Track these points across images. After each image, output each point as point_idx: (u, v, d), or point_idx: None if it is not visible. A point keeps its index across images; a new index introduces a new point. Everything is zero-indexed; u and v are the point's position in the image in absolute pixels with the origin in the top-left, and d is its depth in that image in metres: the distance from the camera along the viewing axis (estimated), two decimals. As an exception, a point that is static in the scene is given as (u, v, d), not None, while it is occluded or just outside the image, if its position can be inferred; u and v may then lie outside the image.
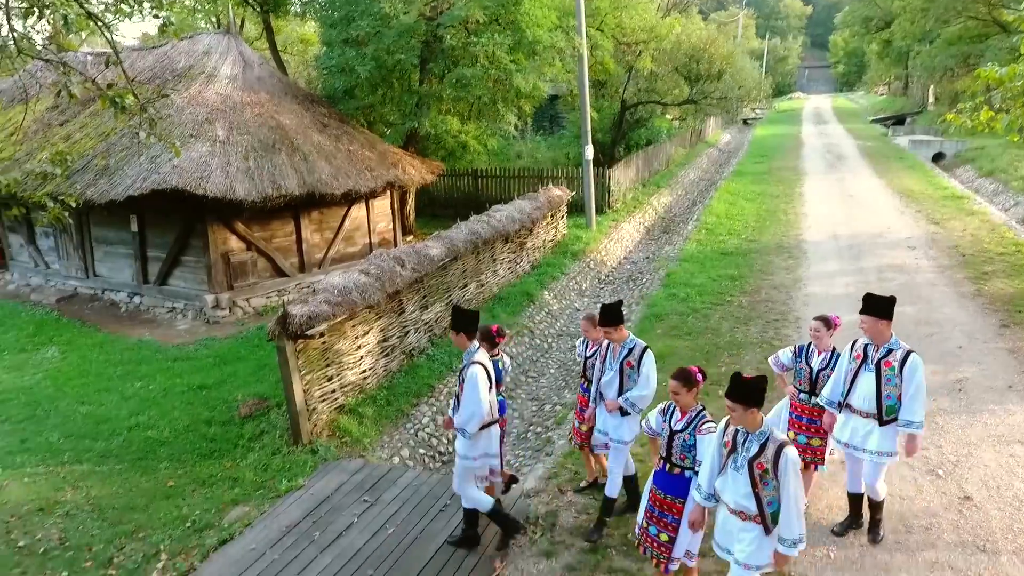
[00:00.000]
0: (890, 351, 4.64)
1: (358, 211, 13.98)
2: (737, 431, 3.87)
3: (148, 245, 12.01)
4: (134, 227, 11.90)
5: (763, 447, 3.72)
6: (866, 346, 4.74)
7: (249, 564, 5.14)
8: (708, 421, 4.24)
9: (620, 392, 5.14)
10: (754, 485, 3.72)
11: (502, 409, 5.41)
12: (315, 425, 7.22)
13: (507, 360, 6.22)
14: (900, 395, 4.58)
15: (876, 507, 4.97)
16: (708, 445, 4.06)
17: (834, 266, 12.71)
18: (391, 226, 15.12)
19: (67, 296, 13.14)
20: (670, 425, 4.35)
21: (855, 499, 5.05)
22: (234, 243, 11.56)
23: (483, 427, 4.88)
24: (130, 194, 10.13)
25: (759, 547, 3.80)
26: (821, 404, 5.01)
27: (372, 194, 13.56)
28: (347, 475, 6.39)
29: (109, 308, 12.52)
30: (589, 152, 15.94)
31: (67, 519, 6.07)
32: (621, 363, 5.14)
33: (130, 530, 5.88)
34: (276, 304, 11.77)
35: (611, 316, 5.04)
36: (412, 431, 7.51)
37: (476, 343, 5.00)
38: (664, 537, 4.27)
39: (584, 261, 14.21)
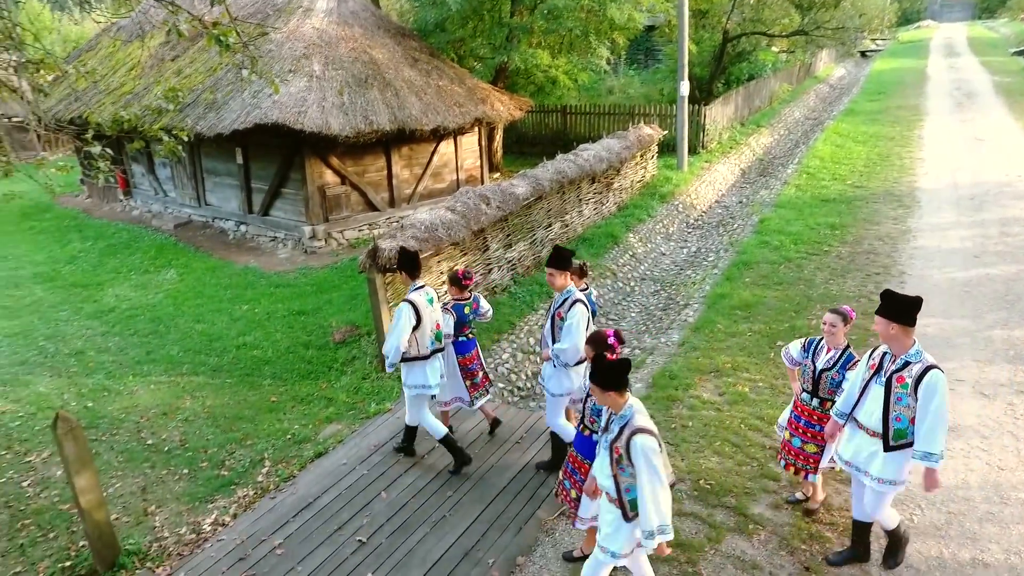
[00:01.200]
0: (906, 364, 3.83)
1: (446, 147, 14.11)
2: (601, 410, 3.77)
3: (252, 177, 12.72)
4: (239, 160, 12.60)
5: (620, 431, 3.48)
6: (884, 355, 3.98)
7: (341, 476, 5.62)
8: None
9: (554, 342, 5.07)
10: (612, 468, 3.54)
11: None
12: (402, 354, 7.61)
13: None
14: (913, 418, 3.81)
15: (889, 535, 4.31)
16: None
17: (950, 217, 11.69)
18: (478, 163, 15.18)
19: (183, 223, 14.23)
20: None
21: (859, 528, 4.32)
22: (329, 177, 12.02)
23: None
24: (235, 128, 10.68)
25: (616, 531, 3.63)
26: (831, 412, 4.35)
27: (460, 130, 13.61)
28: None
29: (219, 235, 13.47)
30: (684, 88, 15.16)
31: (186, 424, 6.81)
32: (553, 313, 5.05)
33: (239, 437, 6.54)
34: (367, 237, 12.26)
35: (555, 259, 4.94)
36: (492, 365, 7.76)
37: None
38: (574, 494, 4.26)
39: (673, 204, 13.79)
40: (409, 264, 5.31)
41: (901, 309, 3.79)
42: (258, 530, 5.03)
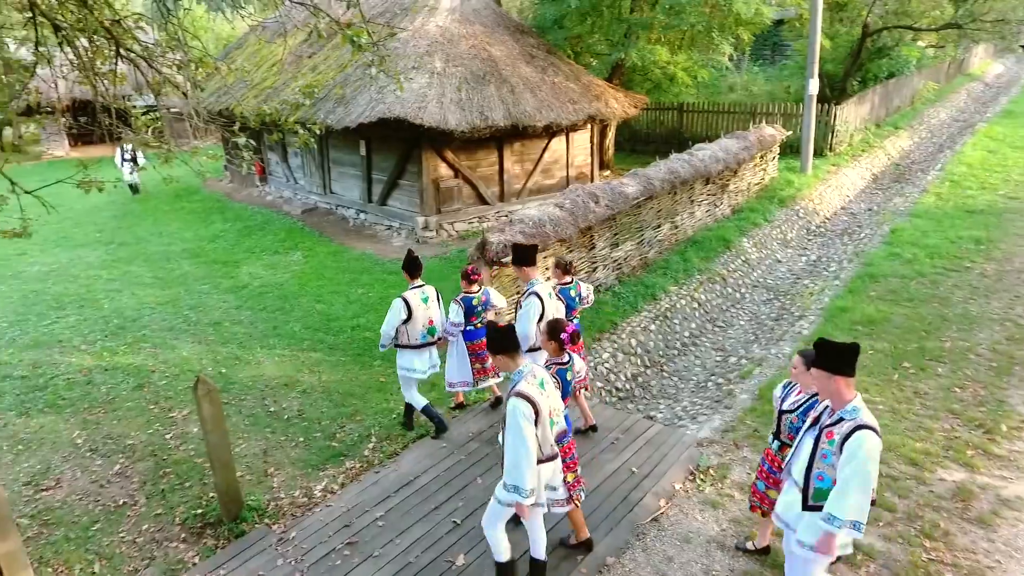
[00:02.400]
0: (840, 420, 3.41)
1: (558, 144, 14.18)
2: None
3: (373, 168, 13.43)
4: (363, 151, 13.35)
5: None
6: (826, 407, 3.57)
7: (441, 459, 5.86)
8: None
9: None
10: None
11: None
12: (503, 346, 7.79)
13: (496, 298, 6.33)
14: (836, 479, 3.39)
15: None
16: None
17: None
18: (589, 160, 15.14)
19: (309, 209, 15.29)
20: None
21: None
22: (443, 170, 12.46)
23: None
24: (360, 121, 11.32)
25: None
26: None
27: (573, 127, 13.63)
28: (528, 396, 6.86)
29: (340, 222, 14.35)
30: (813, 86, 14.29)
31: (304, 396, 7.35)
32: (517, 303, 5.43)
33: (350, 412, 6.98)
34: (476, 230, 12.60)
35: (518, 254, 5.46)
36: (592, 364, 7.77)
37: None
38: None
39: (793, 208, 13.07)
40: (411, 266, 6.03)
41: (837, 359, 3.36)
42: (362, 501, 5.36)
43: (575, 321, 5.99)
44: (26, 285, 11.26)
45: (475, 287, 6.06)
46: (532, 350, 5.44)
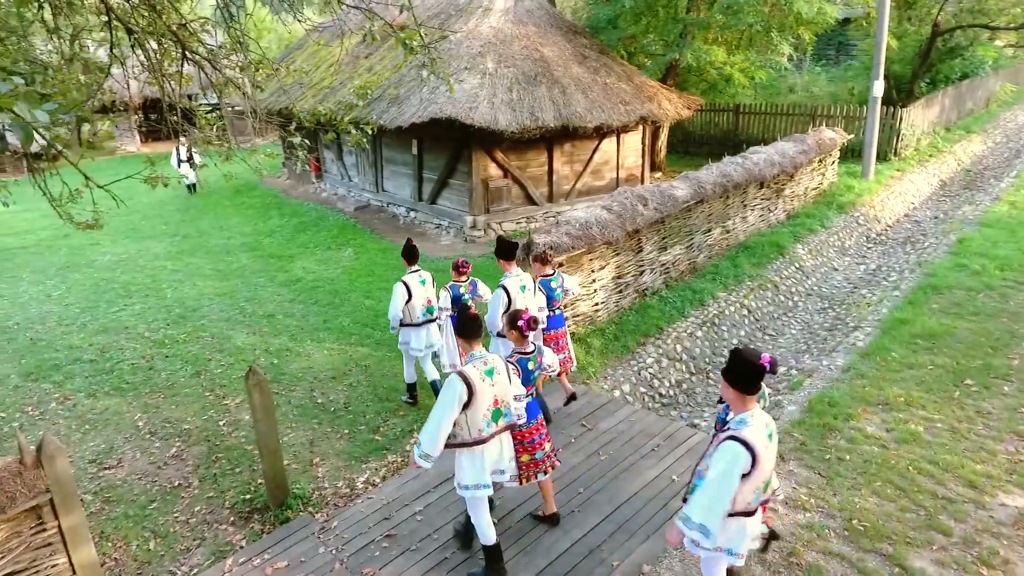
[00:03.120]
0: (726, 428, 3.47)
1: (608, 145, 14.08)
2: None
3: (424, 167, 13.63)
4: (414, 151, 13.57)
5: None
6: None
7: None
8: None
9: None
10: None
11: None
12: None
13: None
14: None
15: None
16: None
17: None
18: (639, 162, 14.97)
19: (362, 206, 15.64)
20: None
21: None
22: (493, 170, 12.54)
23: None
24: (412, 121, 11.51)
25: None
26: None
27: (624, 128, 13.51)
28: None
29: (391, 220, 14.63)
30: (878, 88, 13.74)
31: (351, 389, 7.54)
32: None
33: (393, 408, 7.11)
34: (524, 230, 12.63)
35: (499, 248, 5.90)
36: (635, 368, 7.69)
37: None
38: None
39: (852, 215, 12.61)
40: (409, 254, 6.61)
41: (737, 371, 3.37)
42: (402, 495, 5.47)
43: (557, 312, 6.28)
44: (97, 274, 11.91)
45: (463, 277, 6.45)
46: (501, 336, 5.92)
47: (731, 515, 3.48)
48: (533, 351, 4.70)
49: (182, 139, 15.81)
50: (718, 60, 15.20)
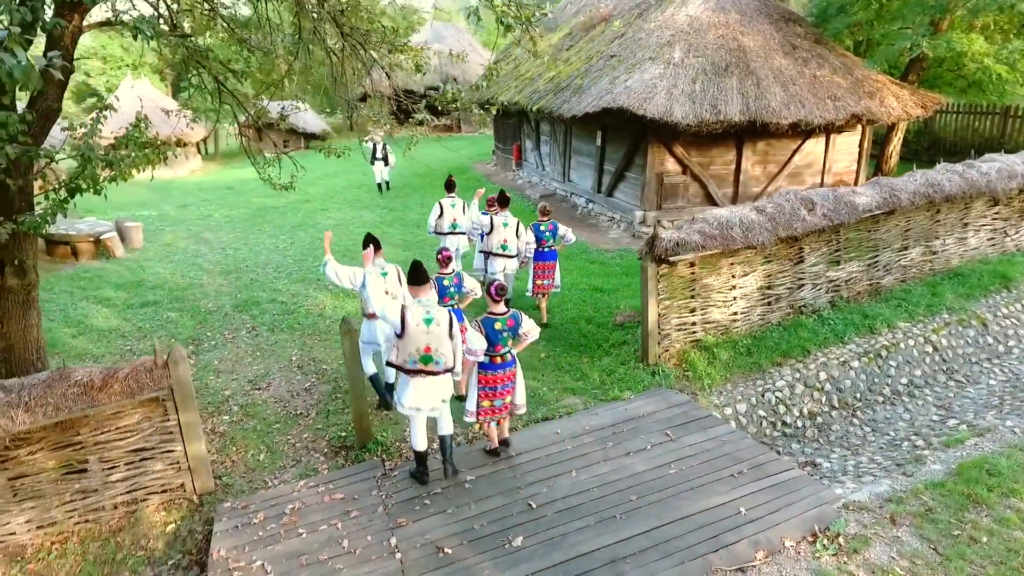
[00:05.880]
0: None
1: (814, 146, 12.59)
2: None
3: (605, 159, 13.55)
4: (598, 141, 13.55)
5: None
6: None
7: (547, 444, 5.86)
8: None
9: None
10: None
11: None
12: (666, 350, 7.35)
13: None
14: None
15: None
16: None
17: None
18: (854, 167, 13.13)
19: (548, 194, 16.07)
20: None
21: None
22: (670, 165, 12.00)
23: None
24: (586, 111, 11.51)
25: None
26: None
27: (834, 128, 11.94)
28: (666, 405, 6.41)
29: (570, 209, 14.81)
30: None
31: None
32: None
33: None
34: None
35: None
36: (760, 389, 6.88)
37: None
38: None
39: None
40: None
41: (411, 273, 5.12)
42: (462, 461, 5.65)
43: (546, 249, 8.40)
44: (318, 233, 14.00)
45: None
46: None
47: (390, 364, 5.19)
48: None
49: (376, 136, 17.51)
50: (978, 52, 12.51)
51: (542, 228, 8.45)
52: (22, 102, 5.56)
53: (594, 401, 6.71)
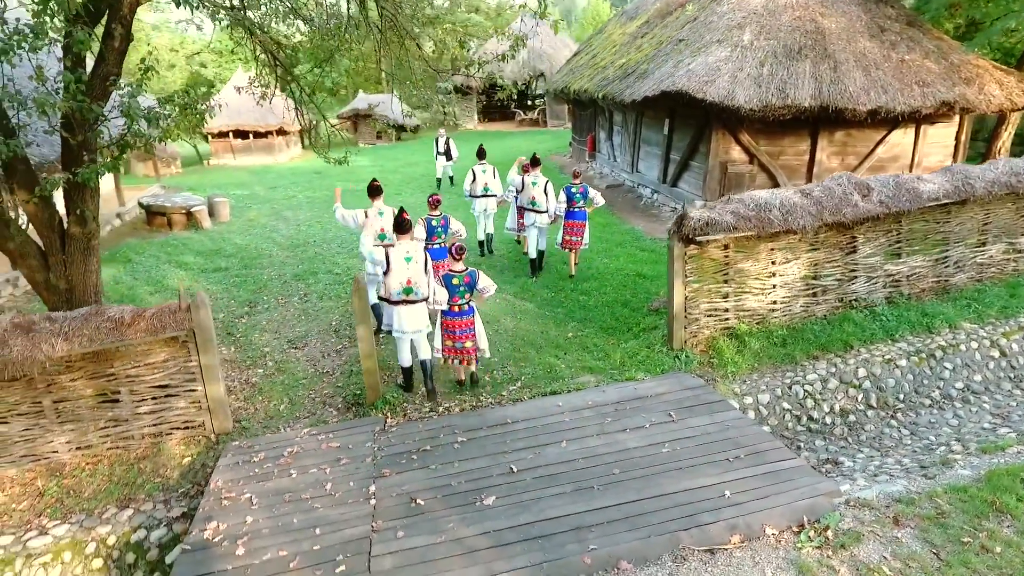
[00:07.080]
0: None
1: (901, 137, 11.61)
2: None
3: (671, 148, 13.15)
4: (665, 130, 13.17)
5: None
6: None
7: (546, 415, 5.81)
8: None
9: None
10: None
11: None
12: (693, 336, 7.07)
13: None
14: None
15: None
16: None
17: None
18: (948, 162, 11.96)
19: (615, 185, 15.82)
20: None
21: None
22: (736, 153, 11.47)
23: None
24: (645, 94, 11.21)
25: None
26: None
27: (924, 117, 10.94)
28: (679, 388, 6.17)
29: (635, 200, 14.50)
30: None
31: (495, 335, 7.94)
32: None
33: (518, 357, 7.33)
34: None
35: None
36: (788, 381, 6.46)
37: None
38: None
39: None
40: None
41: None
42: (461, 425, 5.73)
43: (576, 210, 9.25)
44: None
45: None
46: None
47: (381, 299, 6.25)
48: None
49: (440, 131, 17.71)
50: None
51: (573, 190, 9.15)
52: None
53: (608, 380, 6.57)
